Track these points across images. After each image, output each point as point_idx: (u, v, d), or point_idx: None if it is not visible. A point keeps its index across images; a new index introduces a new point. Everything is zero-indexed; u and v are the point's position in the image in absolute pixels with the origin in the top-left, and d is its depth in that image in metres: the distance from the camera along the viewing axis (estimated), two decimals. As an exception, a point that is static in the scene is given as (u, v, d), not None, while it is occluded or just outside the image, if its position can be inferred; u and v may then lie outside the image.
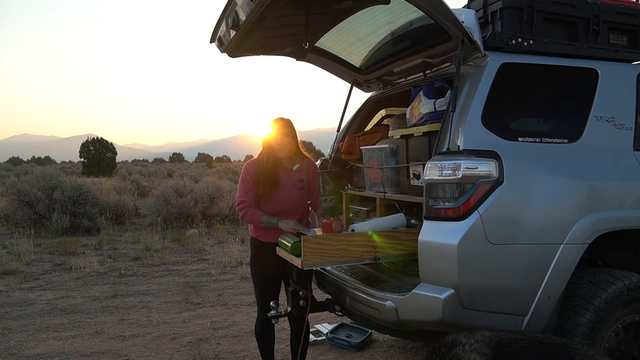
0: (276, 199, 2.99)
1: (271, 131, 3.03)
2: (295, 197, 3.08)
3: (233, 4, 2.67)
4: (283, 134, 3.00)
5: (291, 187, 3.07)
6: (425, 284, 2.34)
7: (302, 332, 3.13)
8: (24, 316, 4.94)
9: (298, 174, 3.11)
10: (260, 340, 3.20)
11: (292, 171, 3.09)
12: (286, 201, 3.03)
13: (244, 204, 2.96)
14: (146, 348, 4.10)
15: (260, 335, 3.19)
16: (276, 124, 3.03)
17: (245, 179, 3.01)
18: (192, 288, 5.93)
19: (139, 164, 55.55)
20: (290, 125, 3.04)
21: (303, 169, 3.14)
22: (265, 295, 3.07)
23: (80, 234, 9.77)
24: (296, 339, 3.19)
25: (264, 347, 3.21)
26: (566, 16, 2.83)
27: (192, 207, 10.86)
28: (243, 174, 3.04)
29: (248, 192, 2.98)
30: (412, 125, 2.99)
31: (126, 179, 20.84)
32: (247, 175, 3.02)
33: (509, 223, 2.32)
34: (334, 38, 3.36)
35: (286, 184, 3.04)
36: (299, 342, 3.16)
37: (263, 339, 3.19)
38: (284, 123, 3.03)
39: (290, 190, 3.06)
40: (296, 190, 3.09)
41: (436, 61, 3.06)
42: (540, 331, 2.38)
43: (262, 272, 3.07)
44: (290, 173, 3.07)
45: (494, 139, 2.40)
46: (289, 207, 3.06)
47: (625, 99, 2.81)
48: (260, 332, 3.17)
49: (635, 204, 2.58)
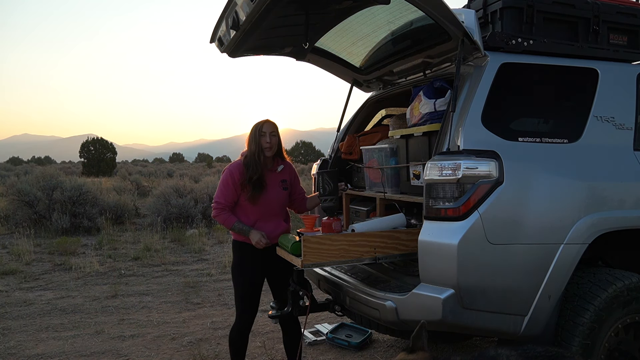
0: (263, 201, 2.97)
1: (260, 131, 2.98)
2: (281, 197, 3.08)
3: (233, 4, 2.67)
4: (272, 134, 3.00)
5: (277, 188, 3.06)
6: (425, 284, 2.34)
7: (295, 333, 3.14)
8: (24, 316, 4.94)
9: (282, 175, 3.11)
10: (235, 346, 3.09)
11: (277, 172, 3.08)
12: (272, 202, 3.02)
13: (219, 205, 2.94)
14: (146, 348, 4.10)
15: (236, 341, 3.08)
16: (269, 125, 3.02)
17: (226, 182, 2.96)
18: (192, 288, 5.93)
19: (139, 164, 55.57)
20: (277, 127, 3.05)
21: (286, 170, 3.15)
22: (250, 299, 3.04)
23: (80, 234, 9.77)
24: (290, 339, 3.18)
25: (238, 352, 3.10)
26: (566, 16, 2.83)
27: (192, 207, 10.86)
28: (225, 177, 2.98)
29: (226, 196, 2.95)
30: (412, 125, 2.99)
31: (126, 179, 20.84)
32: (229, 179, 2.95)
33: (509, 223, 2.31)
34: (334, 38, 3.36)
35: (272, 185, 3.03)
36: (293, 342, 3.16)
37: (239, 344, 3.09)
38: (272, 124, 3.03)
39: (276, 191, 3.05)
40: (282, 191, 3.09)
41: (436, 61, 3.06)
42: (540, 331, 2.38)
43: (248, 275, 3.01)
44: (274, 174, 3.07)
45: (494, 139, 2.40)
46: (274, 208, 3.04)
47: (625, 99, 2.81)
48: (238, 338, 3.07)
49: (635, 204, 2.58)
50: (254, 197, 2.93)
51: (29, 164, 53.15)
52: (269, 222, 3.01)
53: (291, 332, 3.18)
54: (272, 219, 3.03)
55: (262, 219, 3.00)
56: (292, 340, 3.18)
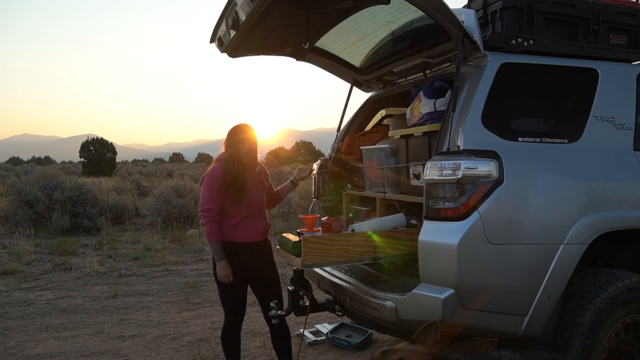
0: (246, 202, 3.00)
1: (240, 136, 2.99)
2: (261, 196, 3.16)
3: (233, 4, 2.68)
4: (254, 139, 3.03)
5: (257, 189, 3.12)
6: (425, 284, 2.34)
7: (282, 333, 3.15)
8: (24, 316, 4.94)
9: (259, 175, 3.17)
10: (229, 347, 3.11)
11: (255, 173, 3.13)
12: (255, 203, 3.07)
13: (209, 212, 2.90)
14: (146, 348, 4.10)
15: (227, 340, 3.11)
16: (249, 130, 3.03)
17: (211, 185, 2.92)
18: (192, 288, 5.93)
19: (139, 164, 55.55)
20: (252, 131, 3.07)
21: (261, 170, 3.21)
22: (234, 300, 3.05)
23: (80, 234, 9.77)
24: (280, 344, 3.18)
25: (231, 352, 3.12)
26: (566, 16, 2.83)
27: (192, 207, 10.86)
28: (209, 180, 2.94)
29: (215, 200, 2.92)
30: (412, 125, 2.99)
31: (126, 179, 20.83)
32: (214, 181, 2.93)
33: (509, 223, 2.32)
34: (334, 38, 3.36)
35: (253, 186, 3.08)
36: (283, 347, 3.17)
37: (230, 344, 3.11)
38: (248, 128, 3.04)
39: (257, 191, 3.11)
40: (261, 190, 3.16)
41: (436, 61, 3.06)
42: (540, 331, 2.38)
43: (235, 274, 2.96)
44: (253, 175, 3.11)
45: (494, 139, 2.40)
46: (257, 207, 3.10)
47: (625, 99, 2.81)
48: (230, 338, 3.10)
49: (635, 204, 2.58)
50: (238, 200, 2.95)
51: (29, 164, 53.14)
52: (252, 221, 3.06)
53: (280, 337, 3.18)
54: (255, 217, 3.09)
55: (247, 219, 3.03)
56: (282, 345, 3.18)
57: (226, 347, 3.12)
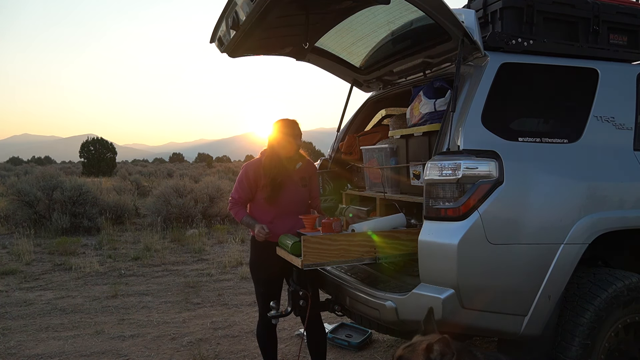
0: (280, 201, 2.98)
1: (273, 132, 3.03)
2: (301, 194, 3.10)
3: (233, 4, 2.67)
4: (284, 133, 2.99)
5: (296, 186, 3.07)
6: (425, 284, 2.34)
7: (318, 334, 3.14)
8: (24, 316, 4.94)
9: (300, 172, 3.11)
10: (263, 343, 3.15)
11: (295, 170, 3.09)
12: (291, 201, 3.04)
13: (233, 200, 3.06)
14: (146, 348, 4.10)
15: (263, 338, 3.14)
16: (277, 124, 3.03)
17: (241, 181, 3.02)
18: (192, 288, 5.93)
19: (139, 164, 55.54)
20: (292, 126, 3.02)
21: (304, 168, 3.15)
22: (269, 296, 3.04)
23: (80, 234, 9.77)
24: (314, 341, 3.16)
25: (268, 350, 3.15)
26: (566, 16, 2.83)
27: (192, 207, 10.86)
28: (241, 176, 3.03)
29: (240, 193, 3.02)
30: (412, 125, 2.99)
31: (126, 179, 20.83)
32: (244, 178, 3.01)
33: (509, 223, 2.31)
34: (334, 38, 3.37)
35: (290, 183, 3.04)
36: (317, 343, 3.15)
37: (267, 341, 3.14)
38: (284, 123, 3.02)
39: (295, 188, 3.06)
40: (300, 187, 3.10)
41: (436, 61, 3.06)
42: (540, 331, 2.38)
43: (265, 272, 3.04)
44: (292, 172, 3.07)
45: (494, 139, 2.40)
46: (293, 206, 3.05)
47: (625, 99, 2.81)
48: (263, 334, 3.13)
49: (635, 204, 2.58)
50: (271, 198, 2.97)
51: (29, 164, 53.13)
52: (286, 219, 3.02)
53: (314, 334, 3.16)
54: (290, 216, 3.03)
55: (279, 217, 3.01)
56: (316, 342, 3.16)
57: (262, 346, 3.14)
